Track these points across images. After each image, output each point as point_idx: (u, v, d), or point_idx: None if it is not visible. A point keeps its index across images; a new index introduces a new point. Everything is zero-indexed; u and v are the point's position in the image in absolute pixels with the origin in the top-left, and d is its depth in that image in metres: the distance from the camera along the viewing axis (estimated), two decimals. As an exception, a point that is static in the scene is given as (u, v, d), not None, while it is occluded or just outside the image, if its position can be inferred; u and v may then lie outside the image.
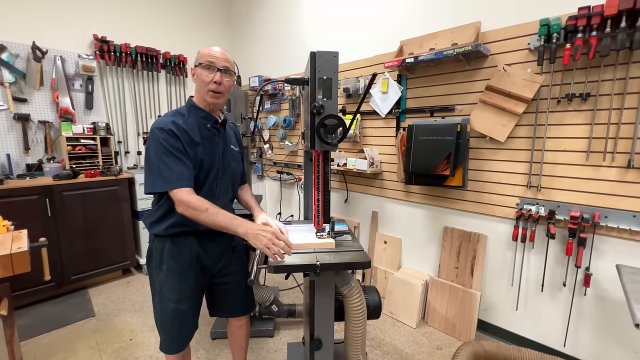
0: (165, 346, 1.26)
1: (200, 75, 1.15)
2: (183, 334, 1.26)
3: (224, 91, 1.18)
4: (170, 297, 1.21)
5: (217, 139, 1.24)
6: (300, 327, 2.17)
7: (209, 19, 3.81)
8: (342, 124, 1.18)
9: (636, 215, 1.49)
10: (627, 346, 1.59)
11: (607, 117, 1.53)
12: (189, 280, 1.22)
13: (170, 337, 1.25)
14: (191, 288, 1.23)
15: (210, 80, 1.14)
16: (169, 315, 1.22)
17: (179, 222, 1.17)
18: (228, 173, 1.28)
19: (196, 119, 1.19)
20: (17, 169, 2.62)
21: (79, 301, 2.50)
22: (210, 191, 1.22)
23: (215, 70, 1.14)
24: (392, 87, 2.29)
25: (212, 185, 1.22)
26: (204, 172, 1.19)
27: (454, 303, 2.08)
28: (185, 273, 1.21)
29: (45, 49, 2.64)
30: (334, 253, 1.17)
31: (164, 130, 1.10)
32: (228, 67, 1.17)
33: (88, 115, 2.96)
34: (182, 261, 1.21)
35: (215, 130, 1.24)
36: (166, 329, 1.24)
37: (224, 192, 1.28)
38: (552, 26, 1.56)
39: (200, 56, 1.16)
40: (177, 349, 1.27)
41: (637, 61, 1.44)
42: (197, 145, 1.16)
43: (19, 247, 1.21)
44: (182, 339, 1.28)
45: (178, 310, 1.21)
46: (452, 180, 1.93)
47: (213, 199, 1.20)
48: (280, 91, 3.26)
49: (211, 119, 1.22)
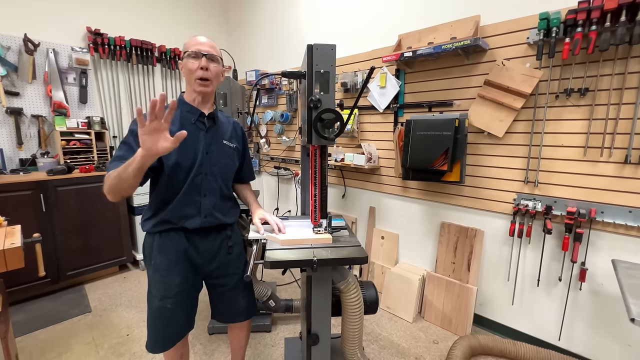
0: (148, 344, 1.21)
1: (187, 65, 1.14)
2: (167, 334, 1.21)
3: (211, 77, 1.17)
4: (156, 294, 1.18)
5: (202, 134, 1.20)
6: (298, 322, 2.17)
7: (206, 12, 3.75)
8: (340, 119, 1.16)
9: (632, 210, 1.49)
10: (620, 340, 1.61)
11: (605, 113, 1.53)
12: (177, 277, 1.19)
13: (153, 335, 1.20)
14: (179, 287, 1.19)
15: (196, 68, 1.13)
16: (154, 313, 1.19)
17: (165, 219, 1.17)
18: (217, 169, 1.24)
19: (180, 114, 1.18)
20: (11, 164, 2.58)
21: (75, 297, 2.49)
22: (195, 188, 1.19)
23: (201, 57, 1.13)
24: (390, 82, 2.27)
25: (195, 181, 1.18)
26: (183, 168, 1.15)
27: (451, 298, 2.10)
28: (173, 270, 1.18)
29: (38, 41, 2.59)
30: (331, 248, 1.16)
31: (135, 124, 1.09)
32: (213, 54, 1.16)
33: (82, 109, 2.92)
34: (169, 257, 1.18)
35: (200, 124, 1.21)
36: (151, 326, 1.21)
37: (212, 190, 1.23)
38: (552, 20, 1.55)
39: (185, 47, 1.16)
40: (161, 349, 1.21)
41: (636, 56, 1.43)
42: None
43: (12, 242, 1.20)
44: (167, 339, 1.21)
45: (163, 308, 1.18)
46: (450, 176, 1.93)
47: (198, 196, 1.20)
48: (277, 85, 3.23)
49: (196, 113, 1.20)
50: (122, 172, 0.96)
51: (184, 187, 1.16)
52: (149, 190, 1.23)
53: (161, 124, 0.90)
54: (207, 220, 1.22)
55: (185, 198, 1.17)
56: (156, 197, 1.19)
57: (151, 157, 0.92)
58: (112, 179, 0.99)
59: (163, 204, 1.18)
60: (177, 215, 1.17)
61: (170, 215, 1.16)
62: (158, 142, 0.90)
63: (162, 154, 0.93)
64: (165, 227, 1.18)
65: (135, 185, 1.01)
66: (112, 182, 0.99)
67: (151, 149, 0.90)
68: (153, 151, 0.91)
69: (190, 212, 1.19)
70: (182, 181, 1.16)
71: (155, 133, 0.90)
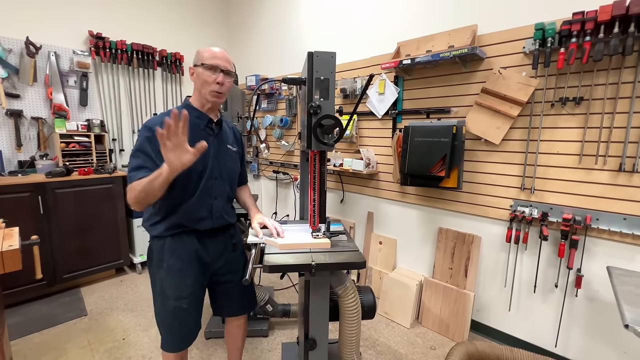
0: (166, 344, 1.26)
1: (202, 75, 1.17)
2: (184, 332, 1.26)
3: (225, 91, 1.22)
4: (171, 295, 1.21)
5: (211, 139, 1.23)
6: (295, 326, 2.17)
7: (207, 17, 3.79)
8: (339, 125, 1.18)
9: (627, 217, 1.51)
10: (616, 346, 1.61)
11: (599, 121, 1.55)
12: (190, 278, 1.22)
13: (171, 335, 1.25)
14: (192, 286, 1.23)
15: (213, 81, 1.17)
16: (171, 314, 1.22)
17: (177, 223, 1.20)
18: (225, 173, 1.28)
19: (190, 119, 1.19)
20: (9, 166, 2.58)
21: (71, 300, 2.47)
22: (207, 191, 1.23)
23: (219, 72, 1.17)
24: (388, 89, 2.30)
25: (207, 185, 1.22)
26: (197, 173, 1.18)
27: (448, 303, 2.10)
28: (186, 270, 1.22)
29: (39, 44, 2.61)
30: (330, 253, 1.17)
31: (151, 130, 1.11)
32: (229, 69, 1.21)
33: (82, 112, 2.93)
34: (182, 259, 1.21)
35: (209, 130, 1.24)
36: (167, 327, 1.24)
37: (222, 193, 1.28)
38: (547, 30, 1.59)
39: (201, 57, 1.18)
40: (179, 348, 1.26)
41: (629, 66, 1.46)
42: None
43: (10, 245, 1.19)
44: (183, 338, 1.27)
45: (179, 308, 1.21)
46: (447, 182, 1.94)
47: (210, 199, 1.24)
48: (277, 90, 3.25)
49: (205, 119, 1.23)
50: (148, 187, 1.01)
51: (197, 191, 1.20)
52: None
53: (180, 138, 0.94)
54: (217, 221, 1.27)
55: (199, 201, 1.21)
56: (167, 201, 1.18)
57: (177, 171, 0.98)
58: (138, 192, 1.03)
59: (175, 207, 1.20)
60: (191, 219, 1.21)
61: (184, 219, 1.20)
62: (181, 156, 0.95)
63: (187, 166, 0.97)
64: (177, 230, 1.21)
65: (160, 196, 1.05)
66: (139, 195, 1.03)
67: (177, 164, 0.95)
68: (178, 166, 0.96)
69: (203, 214, 1.23)
70: (195, 185, 1.20)
71: (177, 149, 0.94)
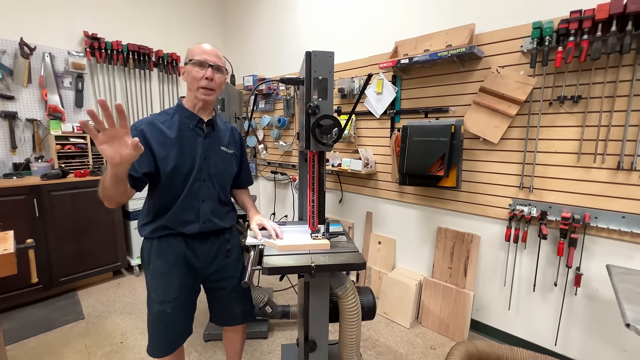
0: (150, 348, 1.23)
1: (191, 72, 1.14)
2: (169, 337, 1.22)
3: (215, 87, 1.18)
4: (155, 298, 1.19)
5: (200, 140, 1.20)
6: (295, 328, 2.15)
7: (203, 17, 3.77)
8: (338, 125, 1.17)
9: (625, 216, 1.52)
10: (615, 344, 1.62)
11: (597, 120, 1.55)
12: (176, 281, 1.20)
13: (154, 339, 1.22)
14: (178, 290, 1.20)
15: (201, 77, 1.14)
16: (154, 317, 1.20)
17: (163, 225, 1.18)
18: (215, 175, 1.24)
19: (179, 119, 1.19)
20: (4, 168, 2.55)
21: (67, 304, 2.45)
22: (193, 194, 1.19)
23: (207, 67, 1.14)
24: (386, 88, 2.29)
25: (193, 187, 1.18)
26: (181, 174, 1.16)
27: (448, 303, 2.10)
28: (171, 274, 1.19)
29: (34, 45, 2.58)
30: (329, 254, 1.16)
31: (137, 130, 1.11)
32: (219, 64, 1.17)
33: (78, 113, 2.90)
34: (168, 261, 1.19)
35: (199, 130, 1.21)
36: (151, 331, 1.22)
37: (210, 195, 1.23)
38: (545, 29, 1.58)
39: (190, 53, 1.16)
40: (163, 353, 1.22)
41: (627, 65, 1.47)
42: (172, 146, 1.14)
43: (4, 248, 1.18)
44: (169, 343, 1.22)
45: (163, 312, 1.18)
46: (446, 181, 1.94)
47: (197, 202, 1.20)
48: (274, 91, 3.24)
49: (194, 119, 1.20)
50: (104, 182, 0.96)
51: (183, 193, 1.17)
52: (146, 195, 1.23)
53: (118, 130, 0.84)
54: (205, 225, 1.22)
55: (184, 204, 1.18)
56: (155, 202, 1.19)
57: (118, 166, 0.87)
58: (99, 188, 0.99)
59: (162, 209, 1.18)
60: (176, 221, 1.18)
61: (169, 221, 1.17)
62: (120, 150, 0.85)
63: (128, 162, 0.88)
64: (164, 232, 1.19)
65: (122, 193, 1.00)
66: (100, 191, 0.99)
67: (114, 157, 0.85)
68: (116, 160, 0.85)
69: (189, 217, 1.19)
70: (180, 187, 1.17)
71: (114, 142, 0.84)
